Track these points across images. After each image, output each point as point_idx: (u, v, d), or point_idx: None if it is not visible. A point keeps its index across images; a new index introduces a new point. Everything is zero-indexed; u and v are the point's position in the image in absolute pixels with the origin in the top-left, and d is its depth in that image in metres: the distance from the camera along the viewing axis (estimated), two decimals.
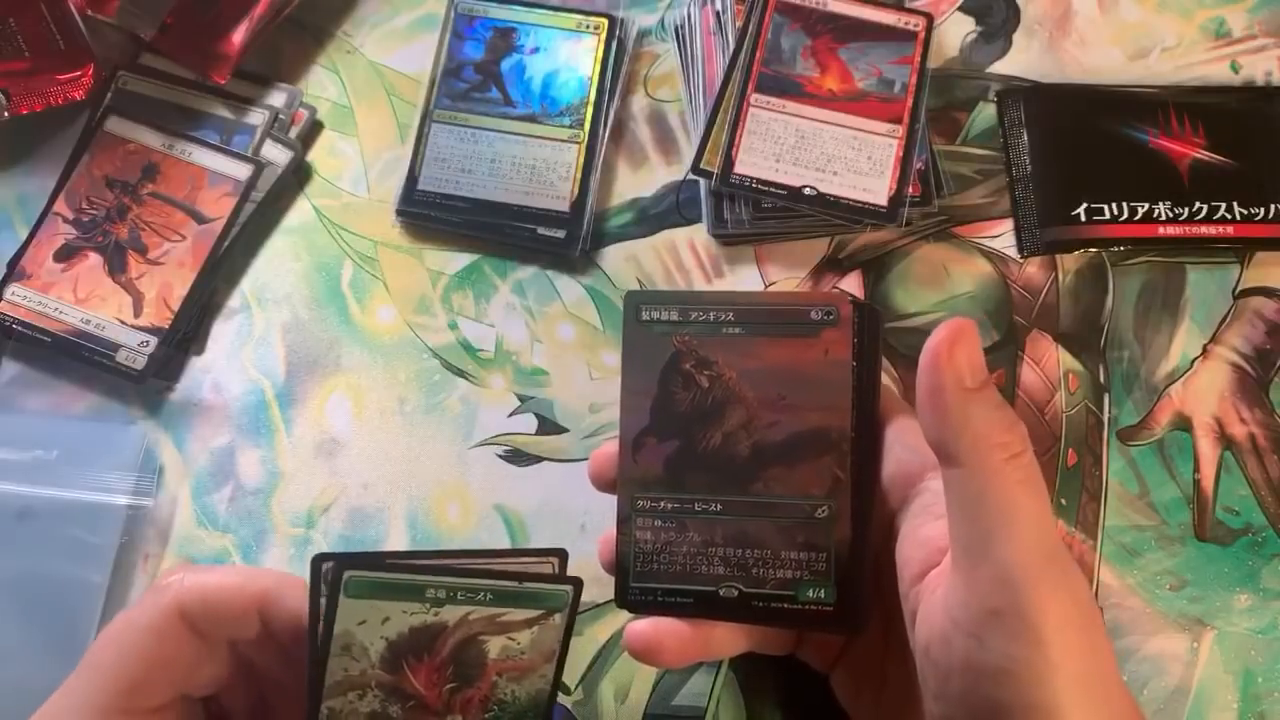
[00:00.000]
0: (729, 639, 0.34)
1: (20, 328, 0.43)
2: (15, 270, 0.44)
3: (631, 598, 0.34)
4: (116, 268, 0.44)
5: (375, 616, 0.30)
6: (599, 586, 0.41)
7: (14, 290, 0.43)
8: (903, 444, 0.33)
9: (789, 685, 0.39)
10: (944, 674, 0.28)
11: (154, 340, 0.43)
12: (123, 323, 0.43)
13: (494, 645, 0.32)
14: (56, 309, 0.43)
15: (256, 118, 0.46)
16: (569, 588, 0.32)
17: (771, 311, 0.33)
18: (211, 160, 0.45)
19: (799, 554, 0.32)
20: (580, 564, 0.41)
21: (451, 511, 0.42)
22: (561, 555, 0.33)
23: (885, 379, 0.34)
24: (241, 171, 0.45)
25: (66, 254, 0.44)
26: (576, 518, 0.42)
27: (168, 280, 0.44)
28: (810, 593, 0.32)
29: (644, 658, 0.33)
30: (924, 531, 0.31)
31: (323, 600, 0.30)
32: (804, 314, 0.33)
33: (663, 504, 0.33)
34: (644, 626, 0.33)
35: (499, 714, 0.32)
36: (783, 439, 0.33)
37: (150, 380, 0.43)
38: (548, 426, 0.43)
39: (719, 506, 0.33)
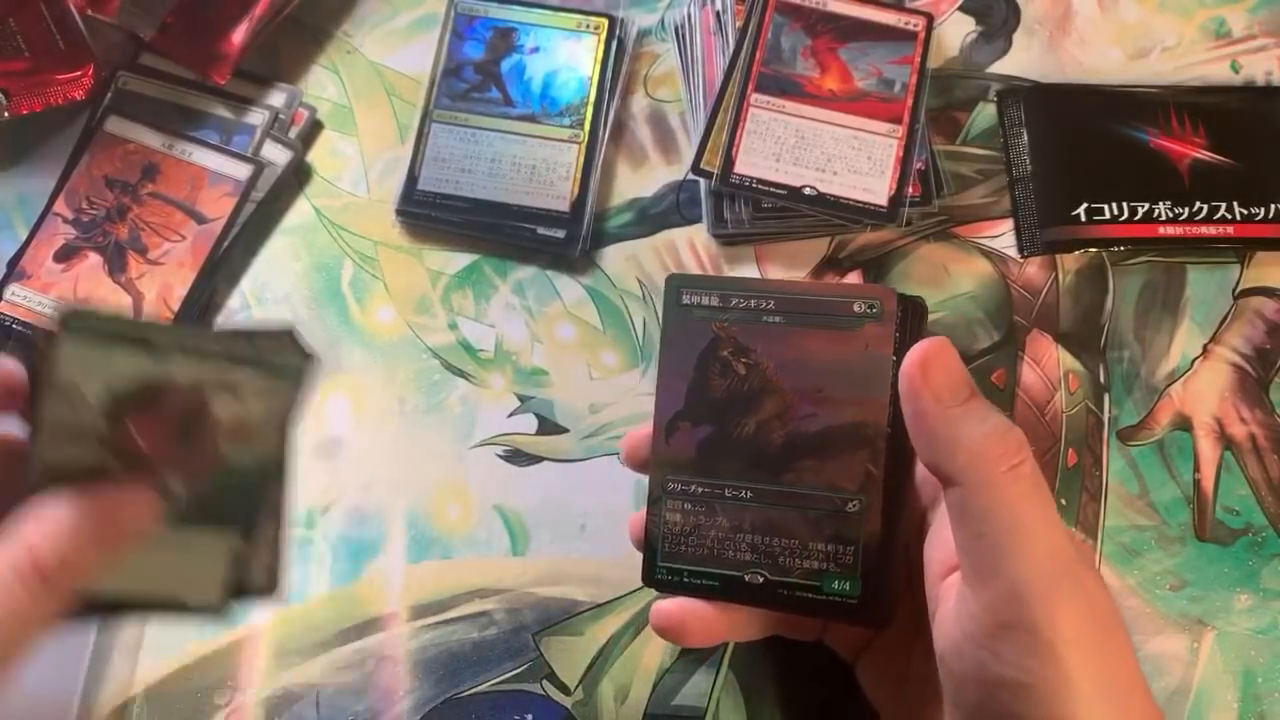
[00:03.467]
0: (754, 622, 0.34)
1: (20, 328, 0.43)
2: (15, 270, 0.44)
3: (658, 576, 0.34)
4: (116, 268, 0.44)
5: (99, 362, 0.29)
6: (598, 587, 0.41)
7: (14, 290, 0.43)
8: None
9: (790, 685, 0.39)
10: (959, 683, 0.28)
11: None
12: None
13: (222, 407, 0.31)
14: (57, 309, 0.43)
15: (256, 118, 0.46)
16: (302, 360, 0.31)
17: (814, 302, 0.33)
18: (211, 160, 0.45)
19: (827, 546, 0.32)
20: (579, 563, 0.41)
21: (451, 511, 0.42)
22: (292, 332, 0.31)
23: None
24: (241, 171, 0.45)
25: (66, 254, 0.44)
26: (576, 518, 0.42)
27: (168, 280, 0.44)
28: (835, 585, 0.32)
29: (668, 637, 0.33)
30: (948, 532, 0.31)
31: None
32: (847, 306, 0.33)
33: (693, 487, 0.33)
34: (670, 606, 0.33)
35: (225, 480, 0.31)
36: (817, 431, 0.33)
37: None
38: (548, 426, 0.43)
39: (749, 493, 0.33)
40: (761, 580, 0.33)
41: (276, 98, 0.46)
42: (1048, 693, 0.26)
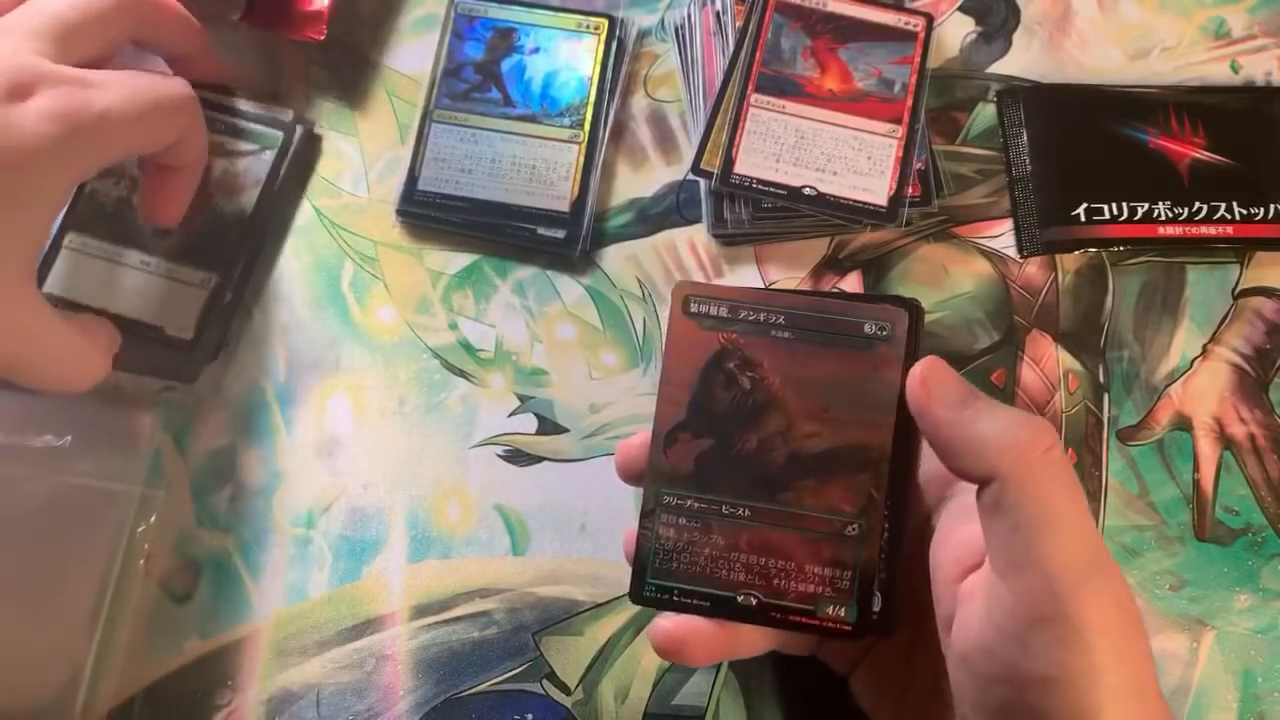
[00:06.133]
0: (753, 640, 0.34)
1: None
2: None
3: (646, 594, 0.33)
4: None
5: None
6: (597, 587, 0.41)
7: None
8: None
9: (789, 685, 0.39)
10: (984, 683, 0.28)
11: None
12: None
13: (218, 166, 0.43)
14: None
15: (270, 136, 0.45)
16: (280, 132, 0.43)
17: (824, 320, 0.32)
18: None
19: (823, 569, 0.32)
20: (579, 563, 0.41)
21: (451, 511, 0.42)
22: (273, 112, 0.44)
23: None
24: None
25: None
26: (576, 518, 0.42)
27: None
28: (830, 609, 0.32)
29: (670, 656, 0.33)
30: (963, 532, 0.31)
31: None
32: (858, 327, 0.32)
33: (689, 502, 0.33)
34: (670, 625, 0.32)
35: (212, 220, 0.43)
36: (820, 451, 0.32)
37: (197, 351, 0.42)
38: (547, 426, 0.43)
39: (747, 512, 0.32)
40: (755, 602, 0.32)
41: (283, 114, 0.45)
42: (1077, 685, 0.26)
